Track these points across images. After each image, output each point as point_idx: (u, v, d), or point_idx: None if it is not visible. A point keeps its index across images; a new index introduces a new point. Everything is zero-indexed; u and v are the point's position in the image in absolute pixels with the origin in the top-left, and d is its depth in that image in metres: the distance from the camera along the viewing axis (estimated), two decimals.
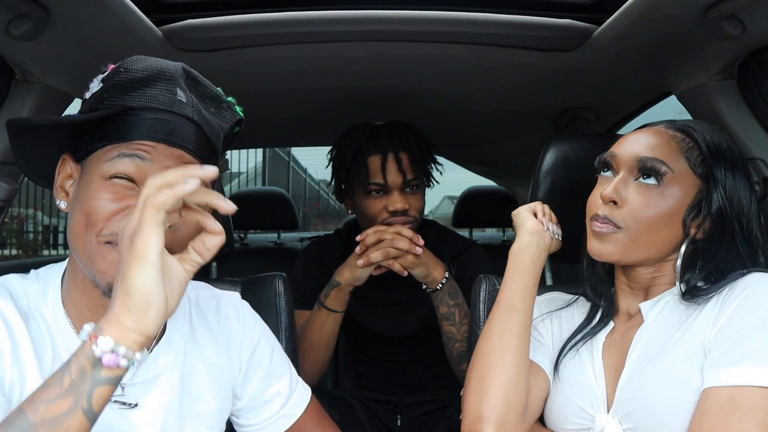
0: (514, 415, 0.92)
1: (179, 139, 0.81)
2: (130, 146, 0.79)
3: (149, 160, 0.79)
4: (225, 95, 0.91)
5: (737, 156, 0.94)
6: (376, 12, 1.26)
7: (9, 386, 0.77)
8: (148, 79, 0.81)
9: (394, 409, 1.70)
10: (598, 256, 0.96)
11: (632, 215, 0.91)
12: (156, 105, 0.80)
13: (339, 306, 1.51)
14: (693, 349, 0.85)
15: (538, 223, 1.07)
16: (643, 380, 0.88)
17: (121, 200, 0.78)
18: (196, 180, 0.66)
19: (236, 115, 0.91)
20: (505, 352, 0.94)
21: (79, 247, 0.79)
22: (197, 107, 0.84)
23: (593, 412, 0.93)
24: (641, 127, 1.00)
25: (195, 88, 0.86)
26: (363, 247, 1.47)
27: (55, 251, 8.25)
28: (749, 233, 0.92)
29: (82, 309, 0.84)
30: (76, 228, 0.80)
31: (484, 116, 1.97)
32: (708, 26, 1.10)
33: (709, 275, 0.92)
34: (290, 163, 10.41)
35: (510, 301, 0.99)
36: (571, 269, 1.04)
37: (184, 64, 0.86)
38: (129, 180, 0.79)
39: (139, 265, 0.64)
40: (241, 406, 1.00)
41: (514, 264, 1.03)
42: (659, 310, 0.94)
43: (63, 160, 0.86)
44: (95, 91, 0.83)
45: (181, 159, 0.81)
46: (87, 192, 0.79)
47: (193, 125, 0.83)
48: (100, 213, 0.78)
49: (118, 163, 0.79)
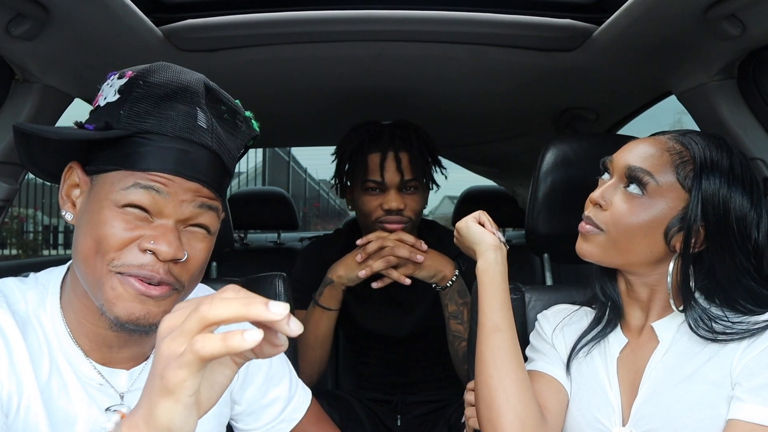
0: (531, 428, 0.93)
1: (196, 172, 0.78)
2: (147, 177, 0.75)
3: (165, 193, 0.76)
4: (243, 109, 0.87)
5: (740, 172, 0.92)
6: (376, 12, 1.26)
7: (7, 398, 0.76)
8: (169, 96, 0.77)
9: (394, 409, 1.70)
10: (580, 254, 0.99)
11: (614, 220, 0.93)
12: (176, 133, 0.77)
13: (333, 304, 1.51)
14: (721, 378, 0.87)
15: (493, 236, 1.08)
16: (668, 400, 0.89)
17: (134, 230, 0.76)
18: (257, 336, 0.53)
19: (252, 131, 0.88)
20: (503, 374, 0.96)
21: (87, 271, 0.77)
22: (216, 132, 0.80)
23: (609, 424, 0.95)
24: (652, 135, 1.00)
25: (214, 107, 0.82)
26: (365, 254, 1.47)
27: (55, 251, 8.26)
28: (748, 241, 0.91)
29: (83, 321, 0.82)
30: (84, 252, 0.77)
31: (484, 116, 1.97)
32: (708, 26, 1.10)
33: (711, 292, 0.93)
34: (290, 163, 10.42)
35: (493, 323, 0.99)
36: (571, 269, 1.04)
37: (205, 78, 0.82)
38: (142, 209, 0.76)
39: (169, 402, 0.56)
40: (240, 411, 0.99)
41: (487, 284, 1.02)
42: (675, 331, 0.94)
43: (70, 167, 0.82)
44: (111, 102, 0.78)
45: (197, 193, 0.78)
46: (99, 217, 0.76)
47: (211, 154, 0.79)
48: (111, 242, 0.75)
49: (133, 193, 0.75)
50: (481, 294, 1.03)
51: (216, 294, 0.56)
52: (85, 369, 0.82)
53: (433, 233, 1.69)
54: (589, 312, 1.08)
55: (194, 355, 0.53)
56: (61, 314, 0.83)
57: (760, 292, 0.92)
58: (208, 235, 0.82)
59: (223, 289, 0.57)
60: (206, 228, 0.81)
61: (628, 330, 1.01)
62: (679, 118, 5.65)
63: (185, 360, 0.54)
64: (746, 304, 0.91)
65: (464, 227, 1.11)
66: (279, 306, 0.53)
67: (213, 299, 0.54)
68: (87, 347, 0.83)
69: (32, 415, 0.77)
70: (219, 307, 0.54)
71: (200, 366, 0.54)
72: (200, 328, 0.54)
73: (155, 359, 0.57)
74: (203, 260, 0.81)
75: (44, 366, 0.80)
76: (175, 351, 0.54)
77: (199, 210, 0.79)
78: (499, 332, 0.99)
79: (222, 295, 0.55)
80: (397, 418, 1.68)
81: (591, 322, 1.04)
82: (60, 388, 0.80)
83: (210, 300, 0.54)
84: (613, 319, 1.02)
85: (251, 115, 0.89)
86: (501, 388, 0.95)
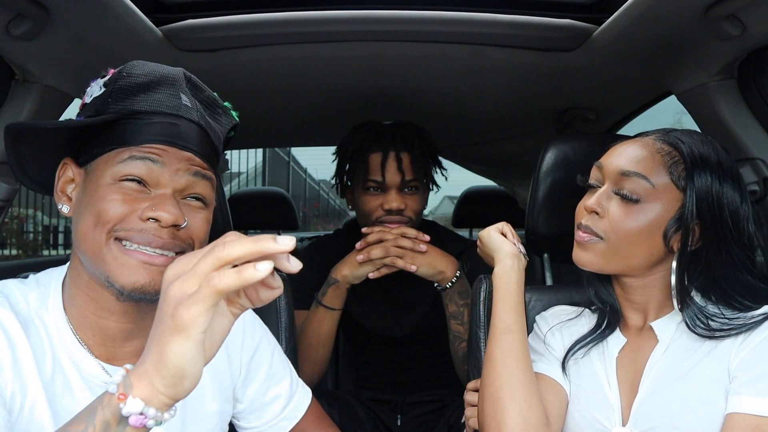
0: (534, 428, 0.93)
1: (188, 143, 0.82)
2: (141, 149, 0.79)
3: (160, 163, 0.79)
4: (221, 100, 0.92)
5: (728, 167, 0.93)
6: (376, 12, 1.26)
7: (10, 397, 0.77)
8: (152, 83, 0.82)
9: (394, 409, 1.70)
10: (580, 264, 0.98)
11: (612, 227, 0.93)
12: (163, 109, 0.81)
13: (336, 304, 1.51)
14: (719, 373, 0.87)
15: (513, 245, 1.10)
16: (668, 398, 0.90)
17: (132, 203, 0.78)
18: (268, 266, 0.57)
19: (232, 120, 0.93)
20: (511, 373, 0.96)
21: (87, 247, 0.79)
22: (201, 111, 0.85)
23: (609, 425, 0.95)
24: (636, 135, 1.00)
25: (196, 93, 0.87)
26: (364, 243, 1.48)
27: (55, 251, 8.25)
28: (743, 235, 0.92)
29: (87, 314, 0.83)
30: (83, 229, 0.79)
31: (484, 116, 1.97)
32: (708, 26, 1.10)
33: (707, 290, 0.93)
34: (290, 163, 10.42)
35: (505, 324, 1.01)
36: (571, 269, 1.04)
37: (183, 69, 0.86)
38: (139, 182, 0.79)
39: (180, 339, 0.58)
40: (242, 409, 1.00)
41: (502, 287, 1.05)
42: (674, 330, 0.95)
43: (64, 164, 0.85)
44: (97, 96, 0.82)
45: (191, 161, 0.82)
46: (96, 194, 0.79)
47: (199, 128, 0.84)
48: (111, 213, 0.77)
49: (130, 165, 0.79)
50: (496, 296, 1.05)
51: (220, 239, 0.59)
52: (89, 366, 0.82)
53: (432, 233, 1.69)
54: (588, 314, 1.08)
55: (211, 290, 0.56)
56: (63, 313, 0.83)
57: (756, 285, 0.92)
58: (205, 207, 0.85)
59: (226, 235, 0.60)
60: (202, 199, 0.84)
61: (627, 330, 1.01)
62: (679, 118, 5.64)
63: (201, 296, 0.57)
64: (743, 301, 0.91)
65: (486, 236, 1.14)
66: (285, 239, 0.57)
67: (224, 243, 0.58)
68: (91, 343, 0.83)
69: (37, 413, 0.78)
70: (232, 247, 0.57)
71: (215, 300, 0.57)
72: (214, 268, 0.57)
73: (163, 302, 0.60)
74: (204, 230, 0.84)
75: (47, 365, 0.80)
76: (187, 291, 0.58)
77: (194, 178, 0.82)
78: (510, 333, 1.00)
79: (228, 239, 0.59)
80: (397, 418, 1.68)
81: (591, 329, 1.04)
82: (64, 386, 0.80)
83: (222, 243, 0.58)
84: (612, 323, 1.02)
85: (230, 106, 0.93)
86: (508, 387, 0.95)
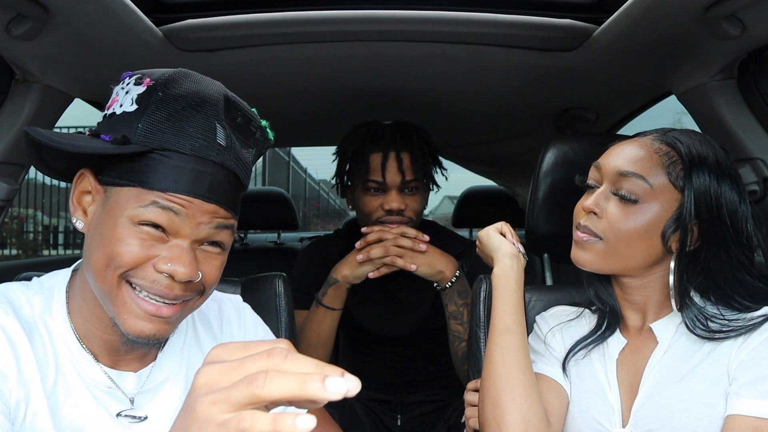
0: (535, 428, 0.93)
1: (214, 194, 0.76)
2: (166, 197, 0.74)
3: (183, 215, 0.75)
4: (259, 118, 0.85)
5: (726, 167, 0.93)
6: (376, 12, 1.26)
7: (15, 406, 0.76)
8: (188, 109, 0.76)
9: (394, 409, 1.70)
10: (578, 264, 0.99)
11: (611, 227, 0.93)
12: (195, 152, 0.75)
13: (336, 303, 1.51)
14: (719, 375, 0.87)
15: (512, 245, 1.10)
16: (668, 400, 0.90)
17: (149, 249, 0.75)
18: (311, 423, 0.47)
19: (268, 141, 0.86)
20: (511, 374, 0.96)
21: (98, 283, 0.77)
22: (234, 149, 0.79)
23: (609, 426, 0.95)
24: (634, 135, 1.00)
25: (233, 121, 0.80)
26: (364, 242, 1.48)
27: (55, 251, 8.26)
28: (742, 235, 0.92)
29: (92, 327, 0.82)
30: (96, 265, 0.76)
31: (484, 116, 1.97)
32: (708, 26, 1.10)
33: (706, 290, 0.93)
34: (290, 163, 10.42)
35: (505, 324, 1.01)
36: (571, 269, 1.04)
37: (224, 89, 0.80)
38: (158, 227, 0.75)
39: None
40: None
41: (502, 287, 1.05)
42: (674, 331, 0.95)
43: (81, 174, 0.81)
44: (127, 112, 0.76)
45: (215, 214, 0.77)
46: (113, 233, 0.75)
47: (229, 173, 0.78)
48: (125, 259, 0.74)
49: (151, 211, 0.74)
50: (495, 297, 1.05)
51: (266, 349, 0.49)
52: (93, 373, 0.82)
53: (432, 233, 1.69)
54: (588, 315, 1.08)
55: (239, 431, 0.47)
56: (68, 319, 0.82)
57: (756, 285, 0.92)
58: (223, 252, 0.82)
59: (278, 342, 0.50)
60: (221, 245, 0.81)
61: (627, 331, 1.01)
62: (679, 118, 5.64)
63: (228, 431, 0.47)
64: (742, 301, 0.91)
65: (485, 236, 1.14)
66: (338, 384, 0.46)
67: (268, 374, 0.47)
68: (96, 351, 0.83)
69: (38, 423, 0.77)
70: (273, 385, 0.47)
71: None
72: (249, 404, 0.48)
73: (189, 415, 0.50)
74: (217, 277, 0.81)
75: (50, 372, 0.79)
76: (216, 417, 0.48)
77: (215, 230, 0.78)
78: (510, 334, 1.00)
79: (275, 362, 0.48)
80: (397, 418, 1.68)
81: (591, 330, 1.04)
82: (66, 394, 0.80)
83: (264, 375, 0.47)
84: (612, 324, 1.02)
85: (267, 125, 0.86)
86: (508, 388, 0.95)
